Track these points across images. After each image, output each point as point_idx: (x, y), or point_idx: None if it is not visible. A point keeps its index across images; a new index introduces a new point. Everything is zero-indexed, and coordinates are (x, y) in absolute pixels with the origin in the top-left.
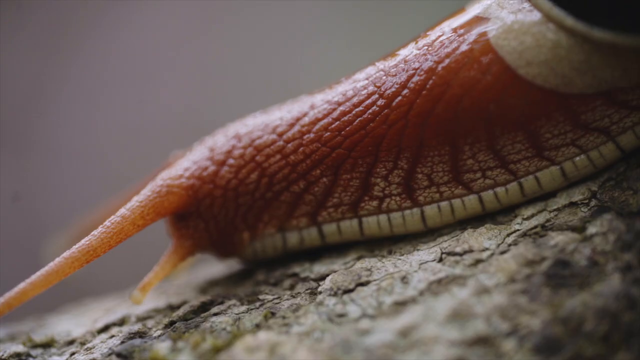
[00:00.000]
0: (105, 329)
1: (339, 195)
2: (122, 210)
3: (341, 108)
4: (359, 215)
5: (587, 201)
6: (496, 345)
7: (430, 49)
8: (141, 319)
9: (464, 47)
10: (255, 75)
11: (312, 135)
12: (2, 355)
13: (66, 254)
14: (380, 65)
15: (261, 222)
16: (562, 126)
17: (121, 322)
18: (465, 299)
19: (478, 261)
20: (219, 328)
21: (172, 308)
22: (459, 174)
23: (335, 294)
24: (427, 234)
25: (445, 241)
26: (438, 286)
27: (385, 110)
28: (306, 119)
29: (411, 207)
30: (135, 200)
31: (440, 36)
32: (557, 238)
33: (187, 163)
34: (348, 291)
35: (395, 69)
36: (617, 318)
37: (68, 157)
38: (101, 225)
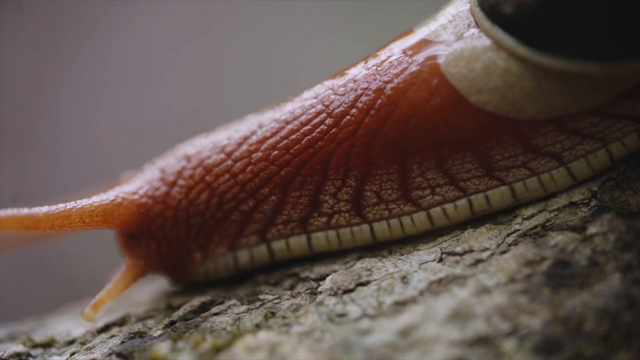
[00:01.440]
0: (105, 328)
1: (288, 212)
2: (76, 202)
3: (289, 127)
4: (307, 231)
5: (587, 201)
6: (496, 345)
7: (379, 69)
8: (141, 319)
9: (413, 68)
10: (255, 75)
11: (260, 154)
12: (2, 355)
13: (14, 210)
14: (329, 84)
15: (212, 242)
16: (513, 149)
17: (121, 322)
18: (466, 298)
19: (478, 261)
20: (219, 328)
21: (172, 308)
22: (407, 192)
23: (335, 294)
24: (428, 234)
25: (446, 241)
26: (438, 286)
27: (334, 129)
28: (254, 138)
29: (360, 224)
30: (90, 199)
31: (389, 57)
32: (557, 238)
33: (141, 182)
34: (348, 291)
35: (343, 89)
36: (617, 318)
37: (68, 157)
38: (54, 205)
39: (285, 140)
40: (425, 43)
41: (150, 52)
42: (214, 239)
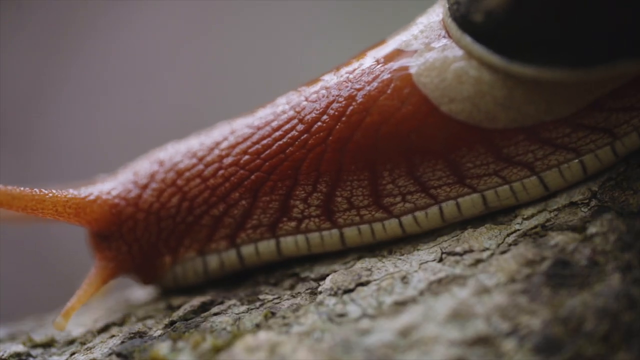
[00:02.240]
0: (105, 328)
1: (258, 217)
2: (53, 190)
3: (260, 132)
4: (276, 236)
5: (587, 201)
6: (496, 345)
7: (351, 76)
8: (141, 319)
9: (385, 77)
10: (255, 75)
11: (231, 158)
12: (2, 355)
13: None
14: (302, 90)
15: (182, 246)
16: (484, 157)
17: (121, 322)
18: (466, 298)
19: (478, 261)
20: (219, 328)
21: (172, 308)
22: (379, 198)
23: (335, 294)
24: (428, 234)
25: (446, 241)
26: (438, 286)
27: (305, 135)
28: (226, 143)
29: (330, 228)
30: (66, 190)
31: (361, 65)
32: (558, 238)
33: (115, 183)
34: (348, 291)
35: (315, 95)
36: (617, 318)
37: (68, 157)
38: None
39: (257, 146)
40: (397, 53)
41: (150, 52)
42: (185, 242)
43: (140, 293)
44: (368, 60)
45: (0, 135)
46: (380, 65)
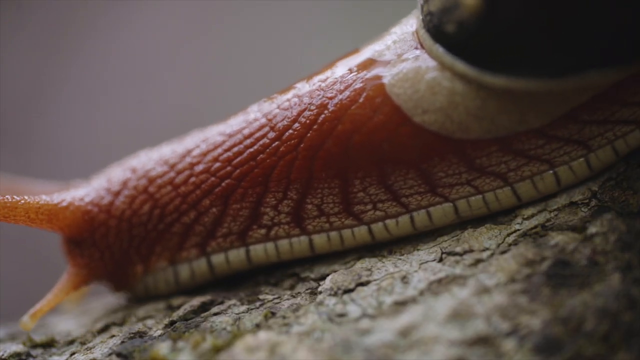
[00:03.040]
0: (105, 328)
1: (229, 224)
2: (26, 196)
3: (232, 139)
4: (246, 244)
5: (587, 201)
6: (496, 345)
7: (323, 85)
8: (141, 319)
9: (357, 86)
10: (256, 75)
11: (202, 166)
12: (2, 355)
13: None
14: (274, 98)
15: (154, 254)
16: (457, 167)
17: (121, 322)
18: (466, 298)
19: (478, 261)
20: (219, 328)
21: (172, 308)
22: (349, 206)
23: (335, 294)
24: (428, 234)
25: (446, 241)
26: (438, 286)
27: (276, 143)
28: (197, 151)
29: (299, 235)
30: (39, 197)
31: (334, 73)
32: (558, 238)
33: (88, 190)
34: (348, 291)
35: (287, 103)
36: (617, 318)
37: (68, 157)
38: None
39: (228, 153)
40: (370, 62)
41: (150, 52)
42: (156, 250)
43: None
44: (341, 69)
45: (0, 135)
46: (353, 74)
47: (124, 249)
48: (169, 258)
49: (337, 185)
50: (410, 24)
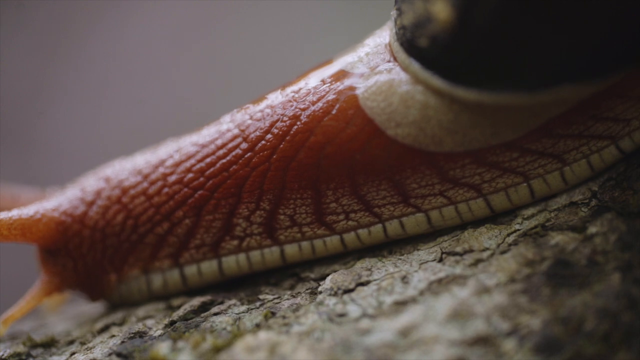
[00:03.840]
0: (105, 328)
1: (201, 236)
2: None
3: (205, 150)
4: (219, 255)
5: (587, 201)
6: (496, 345)
7: (296, 96)
8: (141, 318)
9: (330, 97)
10: (256, 75)
11: (175, 176)
12: (2, 355)
13: None
14: (247, 109)
15: (127, 264)
16: (430, 179)
17: (121, 322)
18: (466, 298)
19: (478, 261)
20: (219, 328)
21: (172, 308)
22: (322, 216)
23: (335, 294)
24: (428, 234)
25: (446, 241)
26: (438, 286)
27: (249, 154)
28: (170, 161)
29: (271, 246)
30: (11, 212)
31: (307, 84)
32: (558, 238)
33: (62, 199)
34: (348, 291)
35: (260, 114)
36: (617, 318)
37: (68, 157)
38: None
39: (200, 164)
40: (343, 74)
41: (151, 52)
42: (129, 261)
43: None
44: (313, 80)
45: (0, 135)
46: (326, 85)
47: (97, 259)
48: (141, 267)
49: (310, 196)
50: (384, 36)
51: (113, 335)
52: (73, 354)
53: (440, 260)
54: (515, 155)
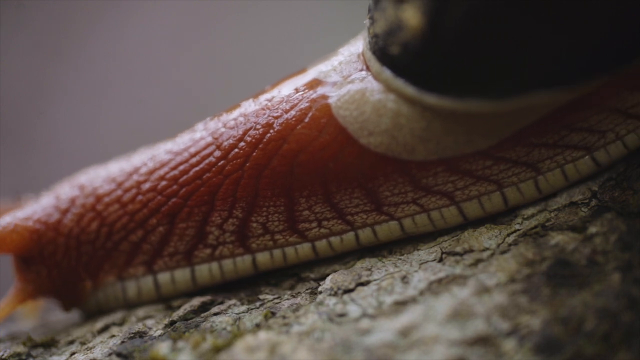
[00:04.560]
0: (105, 328)
1: (175, 244)
2: None
3: (178, 158)
4: (192, 264)
5: (587, 201)
6: (496, 345)
7: (269, 104)
8: (141, 318)
9: (303, 105)
10: (256, 75)
11: (149, 184)
12: (2, 355)
13: None
14: (220, 117)
15: (102, 271)
16: (402, 187)
17: (121, 322)
18: (466, 298)
19: (478, 261)
20: (219, 328)
21: (172, 308)
22: (294, 223)
23: (335, 294)
24: (428, 234)
25: (446, 241)
26: (438, 286)
27: (222, 162)
28: (145, 169)
29: (243, 254)
30: None
31: (280, 93)
32: (558, 238)
33: (36, 207)
34: (348, 291)
35: (233, 122)
36: (617, 318)
37: (68, 157)
38: None
39: (174, 171)
40: (316, 82)
41: (151, 52)
42: (104, 267)
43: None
44: (287, 89)
45: (0, 135)
46: (299, 93)
47: (72, 265)
48: (116, 274)
49: (283, 204)
50: (357, 46)
51: (113, 335)
52: (73, 353)
53: (441, 260)
54: (489, 164)
